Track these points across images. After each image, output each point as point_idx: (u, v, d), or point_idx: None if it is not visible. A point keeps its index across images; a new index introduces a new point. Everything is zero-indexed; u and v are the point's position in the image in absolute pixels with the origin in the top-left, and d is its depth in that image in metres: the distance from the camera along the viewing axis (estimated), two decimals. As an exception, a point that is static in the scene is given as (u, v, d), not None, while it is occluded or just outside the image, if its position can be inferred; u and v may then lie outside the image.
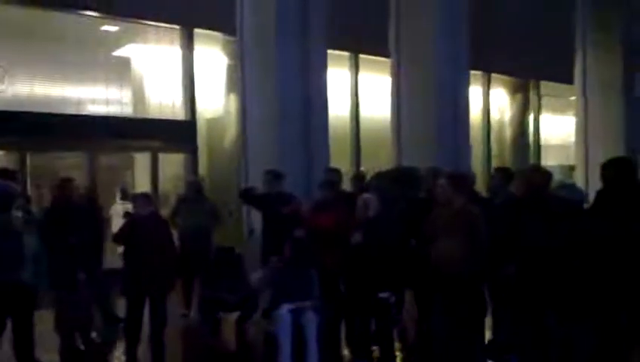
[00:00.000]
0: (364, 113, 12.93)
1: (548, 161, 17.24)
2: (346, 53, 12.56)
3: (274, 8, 8.18)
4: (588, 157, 13.16)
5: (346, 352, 5.84)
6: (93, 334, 6.11)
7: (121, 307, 6.22)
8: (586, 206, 5.23)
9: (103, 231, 6.99)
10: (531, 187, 5.08)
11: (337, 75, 12.05)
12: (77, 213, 6.07)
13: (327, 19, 8.64)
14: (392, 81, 10.13)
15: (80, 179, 8.53)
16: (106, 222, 7.96)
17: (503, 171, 6.34)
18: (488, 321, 5.66)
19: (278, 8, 8.17)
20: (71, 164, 10.20)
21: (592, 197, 5.19)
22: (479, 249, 4.98)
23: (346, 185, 7.42)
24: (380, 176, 6.29)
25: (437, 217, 5.17)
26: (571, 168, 15.08)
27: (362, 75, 12.94)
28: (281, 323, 5.21)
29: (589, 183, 11.10)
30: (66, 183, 6.28)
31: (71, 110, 9.83)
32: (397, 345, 5.78)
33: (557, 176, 16.26)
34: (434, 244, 5.12)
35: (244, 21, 8.55)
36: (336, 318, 5.89)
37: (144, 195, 6.40)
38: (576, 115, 14.25)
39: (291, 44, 8.22)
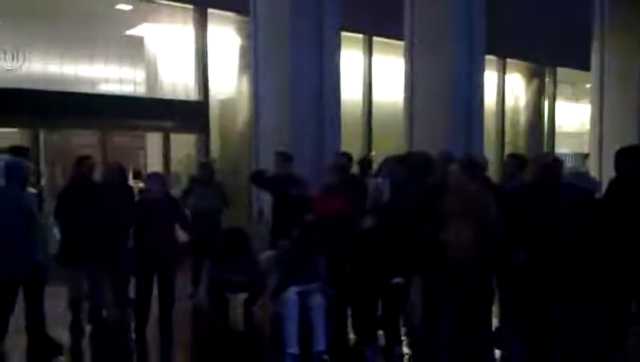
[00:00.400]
0: (376, 96, 12.85)
1: (562, 148, 17.10)
2: (359, 36, 12.46)
3: (288, -12, 8.12)
4: (602, 146, 13.02)
5: (352, 336, 5.86)
6: (104, 313, 6.16)
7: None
8: (598, 195, 5.19)
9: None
10: (542, 174, 5.04)
11: (351, 58, 11.98)
12: (94, 190, 6.10)
13: (341, 1, 8.56)
14: (406, 64, 10.05)
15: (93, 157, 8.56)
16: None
17: (516, 158, 6.28)
18: (495, 309, 5.65)
19: (293, -12, 8.11)
20: (84, 143, 10.26)
21: (605, 186, 5.17)
22: (490, 235, 4.95)
23: (357, 169, 7.40)
24: (389, 160, 6.25)
25: (448, 203, 5.14)
26: (585, 156, 14.95)
27: (376, 57, 12.84)
28: (289, 305, 5.23)
29: (603, 172, 10.99)
30: (84, 160, 6.32)
31: (84, 89, 9.86)
32: (403, 329, 5.78)
33: (570, 164, 16.21)
34: (445, 230, 5.09)
35: (258, 2, 8.49)
36: (343, 302, 5.90)
37: (157, 175, 6.42)
38: (592, 102, 14.07)
39: (305, 25, 8.16)
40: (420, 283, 5.87)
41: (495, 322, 5.71)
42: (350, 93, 11.88)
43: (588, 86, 14.99)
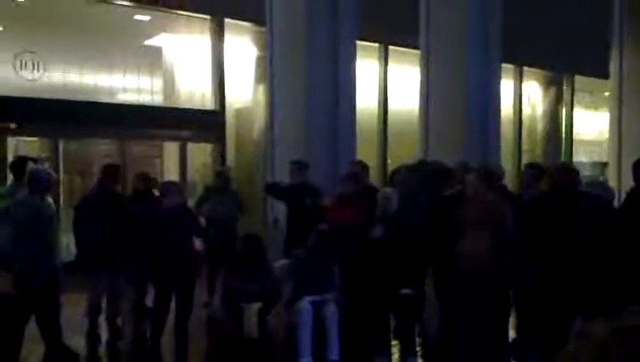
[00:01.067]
0: (392, 105, 12.85)
1: (580, 157, 16.92)
2: (375, 45, 12.48)
3: (304, -1, 8.17)
4: (621, 155, 12.86)
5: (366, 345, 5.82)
6: (119, 321, 6.20)
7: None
8: (616, 204, 5.13)
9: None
10: (556, 185, 5.00)
11: (366, 66, 11.99)
12: (117, 198, 6.14)
13: (357, 10, 8.59)
14: (422, 73, 10.03)
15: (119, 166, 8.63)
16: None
17: (534, 167, 6.23)
18: (512, 320, 5.59)
19: (308, -1, 8.16)
20: (102, 152, 10.37)
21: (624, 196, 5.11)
22: (507, 246, 4.91)
23: (373, 178, 7.38)
24: (402, 169, 6.24)
25: (465, 212, 5.11)
26: (604, 165, 14.78)
27: (391, 66, 12.84)
28: (303, 314, 5.23)
29: (622, 181, 10.85)
30: (109, 169, 6.37)
31: (103, 98, 9.99)
32: (418, 340, 5.74)
33: (589, 173, 16.00)
34: (462, 240, 5.06)
35: (274, 12, 8.55)
36: (357, 312, 5.88)
37: (172, 184, 6.45)
38: (610, 110, 13.92)
39: (321, 34, 8.19)
40: (434, 294, 5.85)
41: (512, 333, 5.65)
42: (366, 101, 11.89)
43: (606, 94, 14.84)
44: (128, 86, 10.37)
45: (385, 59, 12.78)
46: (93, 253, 5.85)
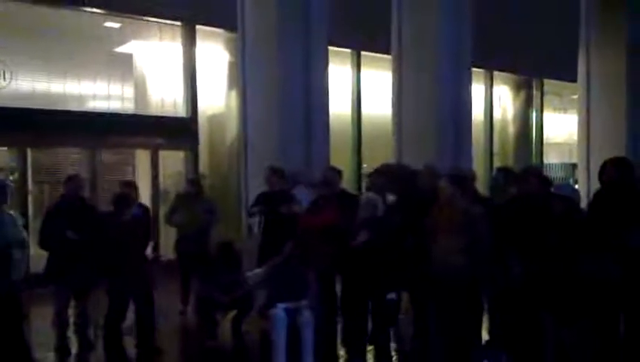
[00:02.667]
0: (365, 110, 12.89)
1: (551, 159, 17.19)
2: (347, 50, 12.52)
3: (275, 4, 8.17)
4: (589, 156, 13.10)
5: (341, 352, 5.82)
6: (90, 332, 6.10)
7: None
8: (582, 206, 5.22)
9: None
10: (525, 189, 5.09)
11: (339, 72, 12.02)
12: (81, 209, 6.05)
13: (328, 15, 8.61)
14: (394, 78, 10.10)
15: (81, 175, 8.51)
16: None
17: (504, 171, 6.31)
18: (484, 322, 5.64)
19: (280, 4, 8.16)
20: (72, 160, 10.21)
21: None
22: (480, 249, 4.96)
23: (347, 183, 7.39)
24: (372, 174, 6.28)
25: (437, 217, 5.15)
26: (574, 166, 15.03)
27: (364, 72, 12.90)
28: (277, 322, 5.20)
29: (591, 182, 11.04)
30: (72, 179, 6.29)
31: (73, 106, 9.83)
32: (393, 345, 5.76)
33: (559, 174, 16.23)
34: (434, 244, 5.10)
35: (246, 18, 8.53)
36: (332, 318, 5.88)
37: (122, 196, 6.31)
38: (579, 112, 14.18)
39: (293, 40, 8.20)
40: (408, 298, 5.88)
41: (484, 335, 5.70)
42: (339, 107, 11.92)
43: (574, 97, 15.11)
44: (99, 93, 10.23)
45: (357, 65, 12.83)
46: (61, 263, 5.76)
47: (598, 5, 13.60)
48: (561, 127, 17.83)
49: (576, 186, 10.43)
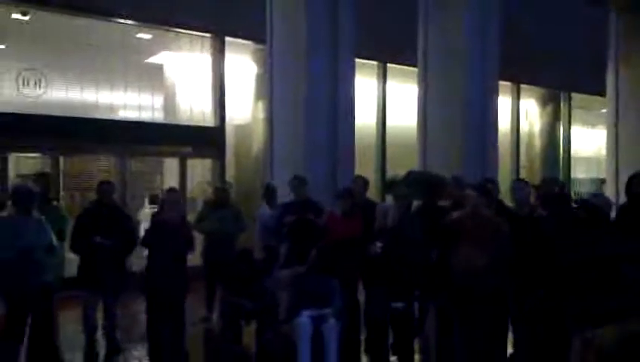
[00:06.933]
0: (390, 122, 12.93)
1: (578, 173, 16.99)
2: (374, 62, 12.60)
3: (304, 17, 8.26)
4: (618, 171, 12.92)
5: (365, 361, 5.84)
6: (117, 334, 6.22)
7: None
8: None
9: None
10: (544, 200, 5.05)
11: (365, 84, 12.09)
12: (111, 215, 6.19)
13: (356, 28, 8.69)
14: (419, 90, 10.12)
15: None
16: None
17: (521, 182, 6.29)
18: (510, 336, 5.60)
19: (308, 17, 8.25)
20: (102, 168, 10.43)
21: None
22: (504, 261, 4.95)
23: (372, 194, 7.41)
24: (396, 182, 6.29)
25: (462, 227, 5.15)
26: (602, 182, 14.83)
27: (390, 83, 12.95)
28: (301, 329, 5.24)
29: (620, 197, 10.89)
30: (104, 185, 6.44)
31: (104, 115, 10.06)
32: (418, 356, 5.75)
33: (586, 189, 15.95)
34: (457, 255, 5.09)
35: (275, 30, 8.65)
36: (356, 327, 5.90)
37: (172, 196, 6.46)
38: (607, 127, 14.02)
39: (320, 52, 8.28)
40: (434, 309, 5.86)
41: (510, 349, 5.66)
42: (365, 118, 11.98)
43: (603, 111, 14.94)
44: (129, 103, 10.45)
45: (384, 77, 12.89)
46: (90, 267, 5.90)
47: (627, 19, 13.48)
48: (589, 142, 17.63)
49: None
